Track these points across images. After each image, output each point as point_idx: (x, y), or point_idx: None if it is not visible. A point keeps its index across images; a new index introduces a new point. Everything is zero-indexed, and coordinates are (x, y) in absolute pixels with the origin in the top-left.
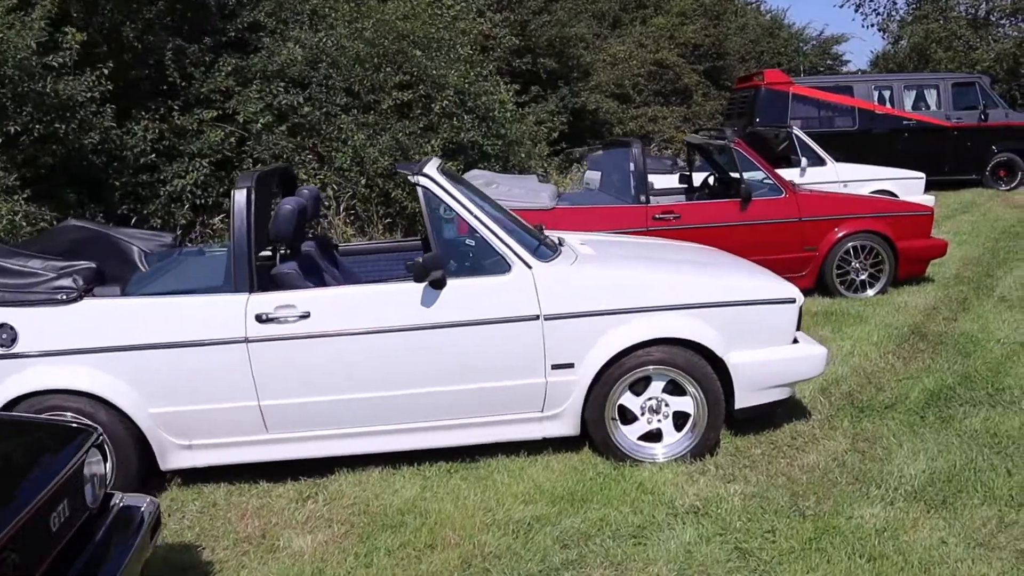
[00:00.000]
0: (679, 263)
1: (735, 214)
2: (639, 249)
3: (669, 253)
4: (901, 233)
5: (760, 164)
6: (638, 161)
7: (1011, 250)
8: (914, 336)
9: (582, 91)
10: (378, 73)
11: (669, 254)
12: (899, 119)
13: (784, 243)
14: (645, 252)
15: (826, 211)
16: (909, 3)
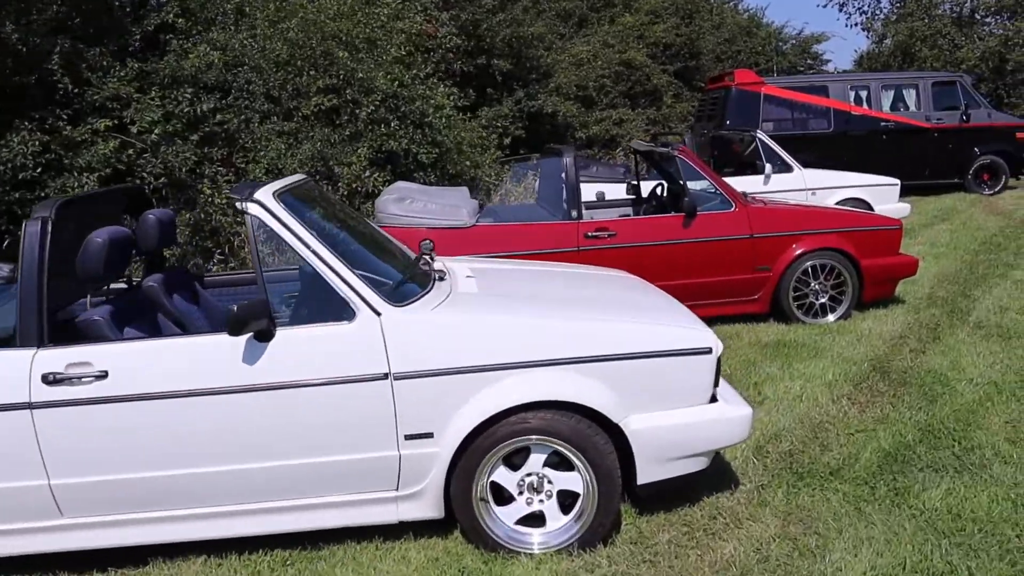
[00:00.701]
0: (574, 303)
1: (677, 231)
2: (535, 283)
3: (570, 288)
4: (866, 250)
5: (707, 174)
6: (569, 172)
7: (991, 265)
8: (875, 374)
9: (539, 94)
10: (301, 76)
11: (569, 289)
12: (876, 120)
13: (733, 263)
14: (539, 287)
15: (781, 226)
16: (893, 2)
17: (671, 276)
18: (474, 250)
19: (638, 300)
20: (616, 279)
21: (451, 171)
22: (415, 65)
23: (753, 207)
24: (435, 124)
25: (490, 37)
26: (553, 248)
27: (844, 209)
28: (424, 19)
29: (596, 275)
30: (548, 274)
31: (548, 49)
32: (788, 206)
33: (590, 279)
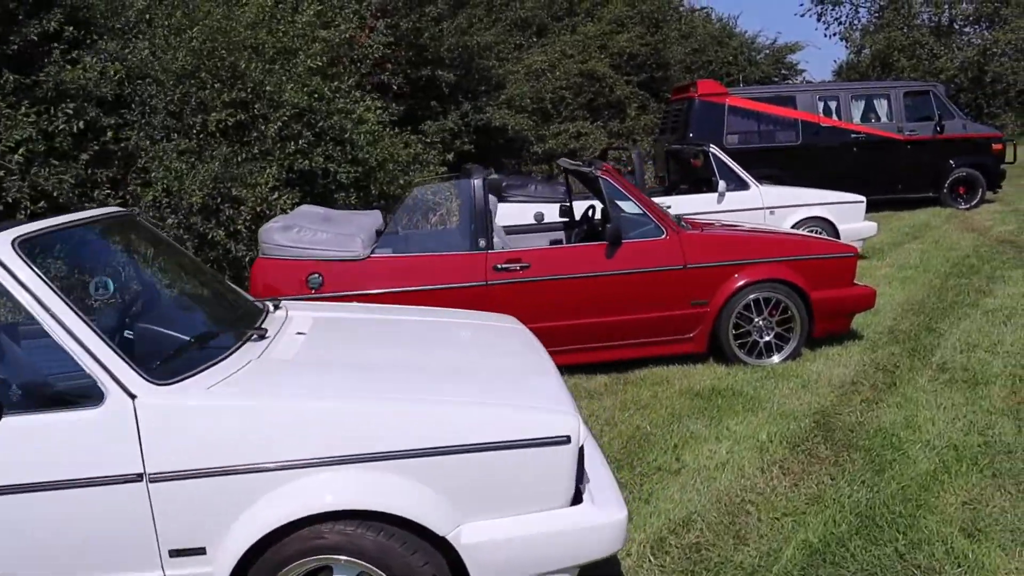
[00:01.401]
0: (410, 374)
1: (599, 261)
2: (378, 342)
3: (419, 349)
4: (816, 281)
5: (633, 196)
6: (477, 197)
7: (961, 291)
8: (817, 433)
9: (487, 106)
10: (205, 89)
11: (416, 352)
12: (847, 132)
13: (664, 297)
14: (381, 349)
15: (718, 255)
16: (872, 11)
17: (592, 313)
18: (368, 284)
19: (499, 366)
20: (488, 334)
21: (375, 191)
22: (338, 76)
23: (687, 234)
24: (357, 140)
25: (435, 47)
26: (458, 282)
27: (793, 234)
28: (357, 26)
29: (463, 328)
30: (403, 328)
31: (502, 59)
32: (728, 232)
33: (453, 334)
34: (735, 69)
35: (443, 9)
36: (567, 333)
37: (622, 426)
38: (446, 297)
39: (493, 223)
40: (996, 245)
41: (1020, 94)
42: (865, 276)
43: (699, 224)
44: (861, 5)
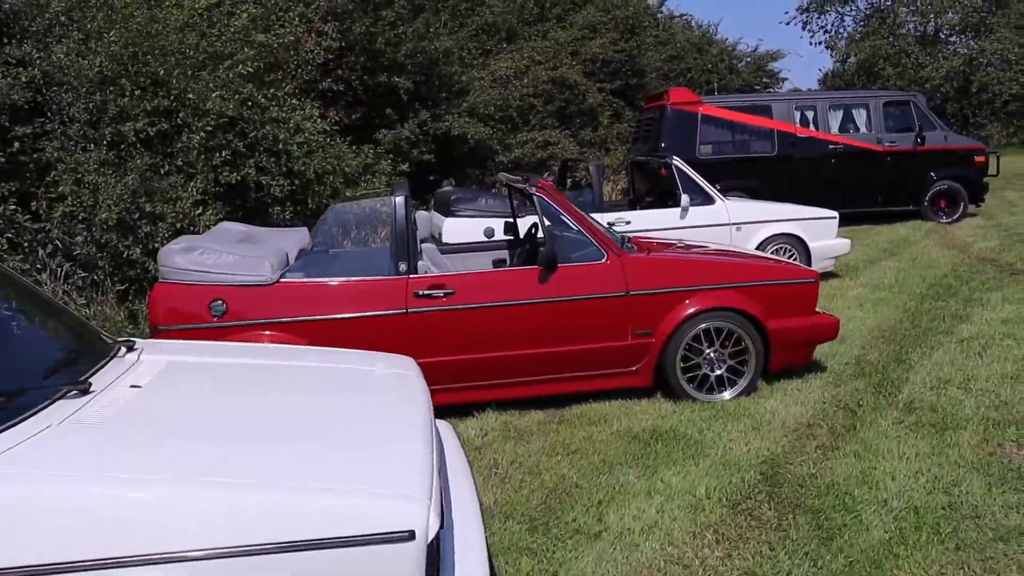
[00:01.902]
0: (233, 445)
1: (532, 288)
2: (226, 396)
3: (264, 410)
4: (774, 309)
5: (570, 215)
6: (399, 215)
7: (936, 316)
8: (762, 488)
9: (446, 114)
10: (125, 97)
11: (263, 409)
12: (824, 143)
13: (604, 327)
14: (226, 406)
15: (664, 280)
16: (857, 20)
17: (525, 344)
18: (276, 312)
19: (356, 430)
20: (363, 384)
21: (312, 205)
22: (276, 83)
23: (630, 257)
24: (292, 151)
25: (391, 52)
26: (374, 310)
27: (750, 256)
28: (305, 30)
29: (335, 377)
30: (264, 378)
31: (467, 65)
32: (675, 255)
33: (320, 386)
34: (715, 77)
35: (401, 13)
36: (497, 366)
37: (546, 475)
38: (362, 327)
39: (418, 243)
40: (976, 263)
41: (1006, 104)
42: (836, 297)
43: (647, 245)
44: (847, 14)
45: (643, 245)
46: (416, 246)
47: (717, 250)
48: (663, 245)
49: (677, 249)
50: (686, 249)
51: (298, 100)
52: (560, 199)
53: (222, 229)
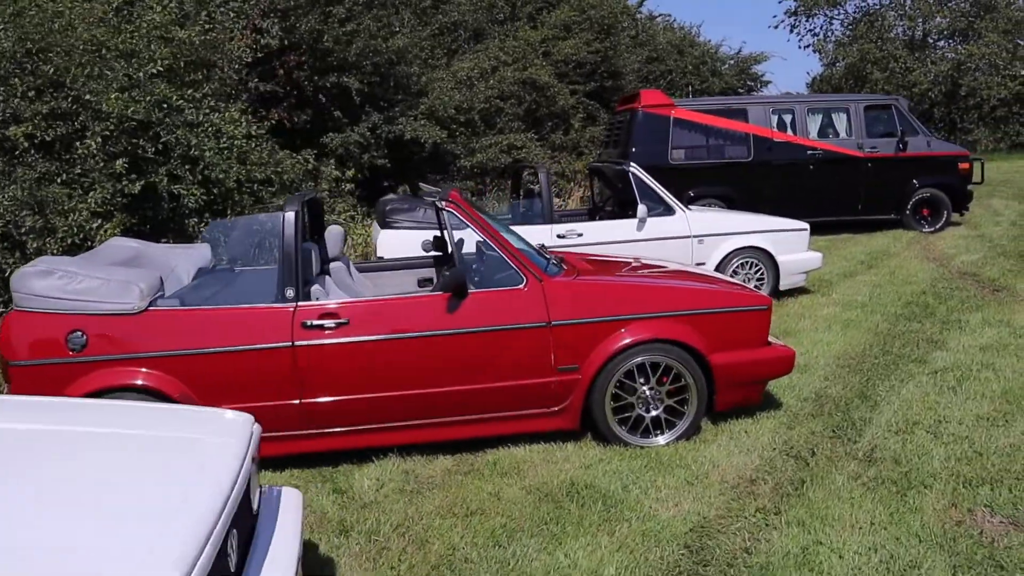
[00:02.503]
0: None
1: (439, 317)
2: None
3: (29, 481)
4: (719, 341)
5: (483, 231)
6: (287, 234)
7: (910, 341)
8: (683, 568)
9: (399, 117)
10: (16, 98)
11: (20, 485)
12: (802, 148)
13: (523, 362)
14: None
15: (592, 308)
16: (845, 24)
17: (431, 381)
18: (142, 345)
19: (112, 506)
20: (149, 450)
21: (233, 216)
22: (196, 84)
23: (554, 281)
24: (210, 158)
25: (340, 51)
26: (256, 343)
27: (697, 278)
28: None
29: (121, 443)
30: (49, 442)
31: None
32: (606, 279)
33: (102, 451)
34: (696, 79)
35: (353, 9)
36: (398, 407)
37: (434, 544)
38: (241, 363)
39: (314, 265)
40: (957, 279)
41: (993, 110)
42: (804, 316)
43: (579, 266)
44: (835, 17)
45: (574, 266)
46: (310, 269)
47: (661, 271)
48: (599, 265)
49: (613, 270)
50: (624, 270)
51: (223, 102)
52: (474, 214)
53: (110, 246)
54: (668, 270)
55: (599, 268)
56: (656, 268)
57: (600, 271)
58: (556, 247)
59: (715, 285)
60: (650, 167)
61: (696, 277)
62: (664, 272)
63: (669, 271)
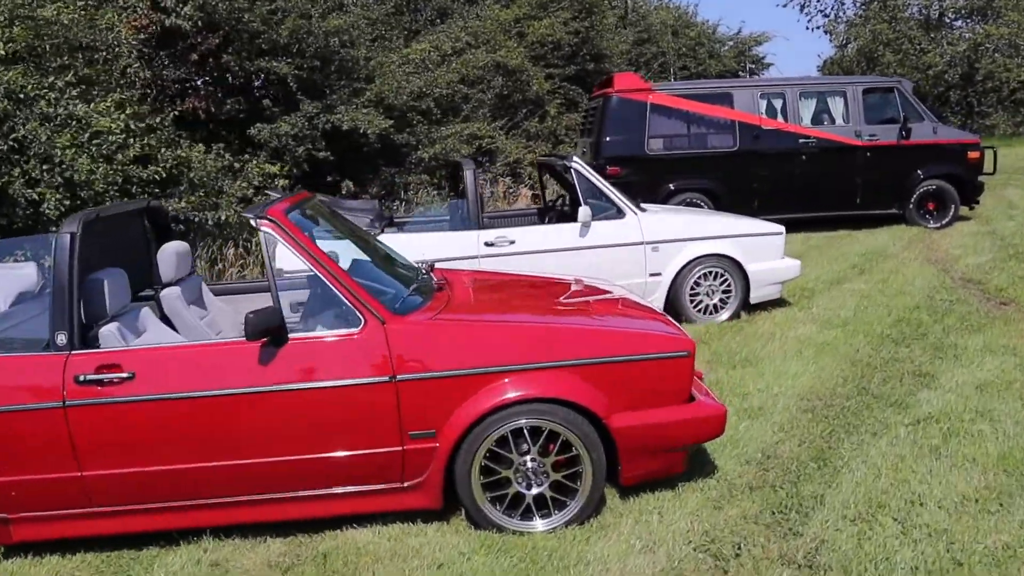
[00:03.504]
0: None
1: (249, 370)
2: None
3: None
4: (620, 398)
5: (310, 259)
6: (59, 261)
7: (892, 374)
8: None
9: (339, 105)
10: None
11: None
12: (794, 136)
13: (360, 427)
14: None
15: (454, 357)
16: (858, 3)
17: (242, 450)
18: None
19: None
20: None
21: None
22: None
23: (403, 322)
24: (61, 156)
25: (269, 33)
26: (19, 403)
27: (604, 308)
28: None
29: None
30: None
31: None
32: (478, 316)
33: None
34: (692, 62)
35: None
36: (206, 480)
37: None
38: (3, 428)
39: (101, 301)
40: (959, 287)
41: (1013, 93)
42: (774, 338)
43: (459, 296)
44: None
45: (448, 297)
46: (102, 304)
47: (558, 300)
48: (492, 293)
49: (504, 301)
50: (521, 300)
51: (103, 91)
52: (297, 235)
53: None
54: (572, 298)
55: (484, 298)
56: (583, 295)
57: (482, 303)
58: (486, 256)
59: (624, 323)
60: (625, 158)
61: (619, 308)
62: (576, 304)
63: (583, 302)
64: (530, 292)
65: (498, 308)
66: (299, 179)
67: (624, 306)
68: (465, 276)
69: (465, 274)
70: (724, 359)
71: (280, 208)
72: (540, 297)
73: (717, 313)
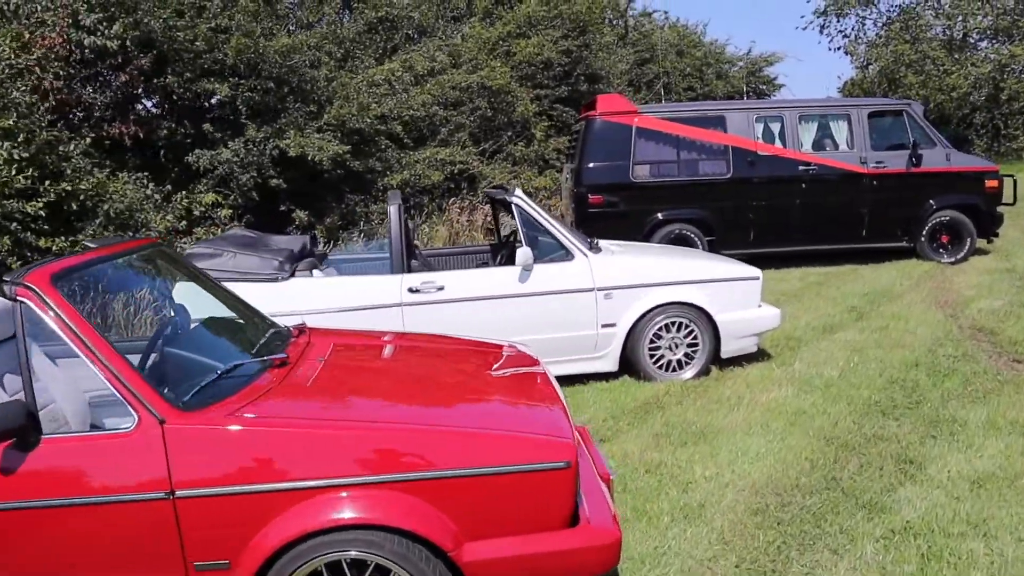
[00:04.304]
0: None
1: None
2: None
3: None
4: (476, 523)
5: (71, 337)
6: None
7: (871, 460)
8: None
9: (289, 129)
10: None
11: None
12: (793, 163)
13: (129, 556)
14: None
15: (251, 467)
16: (879, 24)
17: None
18: None
19: None
20: None
21: None
22: None
23: (190, 420)
24: None
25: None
26: None
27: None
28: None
29: None
30: None
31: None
32: (291, 416)
33: None
34: (699, 83)
35: (206, 5)
36: None
37: None
38: None
39: None
40: (967, 339)
41: None
42: (740, 403)
43: (307, 375)
44: (867, 17)
45: (268, 380)
46: None
47: (432, 381)
48: (332, 371)
49: (334, 383)
50: (363, 381)
51: None
52: (63, 308)
53: None
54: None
55: (328, 380)
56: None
57: (319, 388)
58: (410, 305)
59: (490, 421)
60: (608, 186)
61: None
62: (453, 387)
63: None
64: (399, 368)
65: (334, 395)
66: (247, 209)
67: (519, 390)
68: (334, 342)
69: (340, 338)
70: (676, 432)
71: (45, 273)
72: (407, 377)
73: (681, 370)
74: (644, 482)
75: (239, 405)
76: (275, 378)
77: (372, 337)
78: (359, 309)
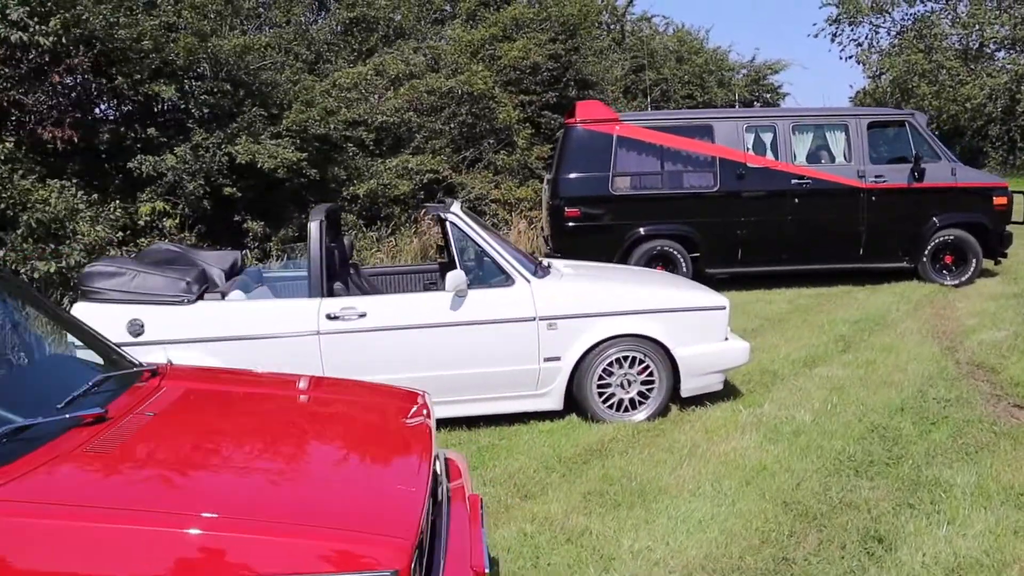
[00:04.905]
0: None
1: None
2: None
3: None
4: None
5: None
6: None
7: (834, 534)
8: None
9: (239, 135)
10: None
11: None
12: (785, 177)
13: None
14: None
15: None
16: (892, 33)
17: None
18: None
19: None
20: None
21: None
22: None
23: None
24: None
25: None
26: None
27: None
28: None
29: None
30: None
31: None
32: (61, 508)
33: None
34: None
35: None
36: None
37: None
38: None
39: None
40: (963, 377)
41: None
42: (695, 453)
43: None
44: (881, 25)
45: (90, 433)
46: None
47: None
48: (166, 428)
49: (151, 444)
50: (189, 446)
51: None
52: None
53: None
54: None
55: (160, 445)
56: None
57: (125, 455)
58: (328, 334)
59: (315, 512)
60: (586, 198)
61: (347, 464)
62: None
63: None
64: (242, 426)
65: (137, 467)
66: (199, 219)
67: (377, 456)
68: (189, 387)
69: (201, 382)
70: (612, 489)
71: None
72: (246, 440)
73: (634, 410)
74: (560, 556)
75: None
76: (81, 439)
77: (239, 382)
78: (269, 338)
